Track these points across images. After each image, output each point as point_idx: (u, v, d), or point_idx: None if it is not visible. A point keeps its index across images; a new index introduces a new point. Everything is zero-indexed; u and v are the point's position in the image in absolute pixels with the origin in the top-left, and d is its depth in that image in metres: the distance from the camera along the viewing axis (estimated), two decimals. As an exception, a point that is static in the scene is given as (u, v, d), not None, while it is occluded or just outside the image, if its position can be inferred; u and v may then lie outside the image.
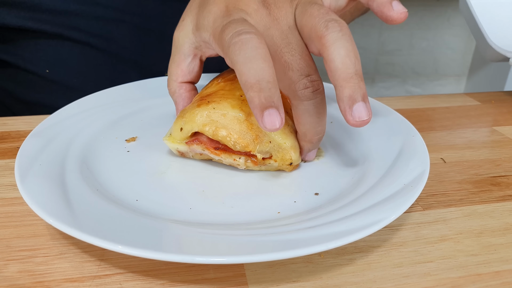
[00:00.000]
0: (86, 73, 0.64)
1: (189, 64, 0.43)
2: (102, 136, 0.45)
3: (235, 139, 0.39)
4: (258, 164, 0.40)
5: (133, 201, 0.35)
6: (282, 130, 0.39)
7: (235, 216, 0.35)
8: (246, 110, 0.39)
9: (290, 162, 0.40)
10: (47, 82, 0.64)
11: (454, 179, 0.44)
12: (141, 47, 0.65)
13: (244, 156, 0.40)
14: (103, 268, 0.31)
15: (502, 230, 0.37)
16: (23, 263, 0.32)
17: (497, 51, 0.66)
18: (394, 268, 0.32)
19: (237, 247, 0.29)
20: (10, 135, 0.49)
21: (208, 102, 0.40)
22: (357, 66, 0.32)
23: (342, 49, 0.32)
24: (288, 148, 0.39)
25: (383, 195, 0.34)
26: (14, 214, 0.37)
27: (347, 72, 0.32)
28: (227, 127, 0.39)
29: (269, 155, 0.40)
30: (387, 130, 0.45)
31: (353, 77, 0.32)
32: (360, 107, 0.32)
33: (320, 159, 0.43)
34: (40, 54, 0.62)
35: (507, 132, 0.54)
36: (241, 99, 0.40)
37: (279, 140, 0.39)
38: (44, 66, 0.63)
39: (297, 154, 0.40)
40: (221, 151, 0.40)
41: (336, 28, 0.32)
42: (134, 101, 0.51)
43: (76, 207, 0.32)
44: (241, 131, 0.39)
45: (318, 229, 0.30)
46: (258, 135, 0.39)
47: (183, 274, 0.31)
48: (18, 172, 0.34)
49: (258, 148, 0.39)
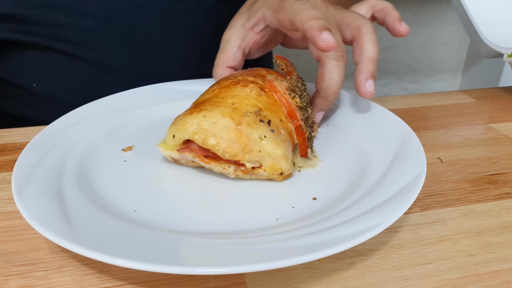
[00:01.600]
0: (74, 87, 0.64)
1: (235, 53, 0.51)
2: (98, 146, 0.45)
3: (223, 148, 0.38)
4: (247, 174, 0.40)
5: (132, 212, 0.36)
6: (273, 139, 0.39)
7: (234, 224, 0.35)
8: (236, 119, 0.39)
9: (280, 172, 0.39)
10: (34, 96, 0.64)
11: (451, 179, 0.44)
12: (130, 59, 0.65)
13: (233, 165, 0.39)
14: (103, 281, 0.31)
15: (500, 228, 0.37)
16: (23, 278, 0.32)
17: (490, 47, 0.66)
18: (394, 271, 0.32)
19: (237, 256, 0.29)
20: (6, 148, 0.49)
21: (199, 110, 0.40)
22: (378, 54, 0.45)
23: (372, 39, 0.45)
24: (279, 157, 0.39)
25: (381, 198, 0.34)
26: (13, 228, 0.37)
27: (372, 55, 0.45)
28: (216, 136, 0.38)
29: (258, 164, 0.39)
30: (383, 132, 0.45)
31: (375, 60, 0.45)
32: (372, 83, 0.45)
33: (315, 168, 0.42)
34: (27, 67, 0.62)
35: (503, 129, 0.54)
36: (233, 107, 0.40)
37: (269, 149, 0.39)
38: (31, 80, 0.63)
39: (288, 164, 0.40)
40: (211, 159, 0.40)
41: (370, 25, 0.46)
42: (130, 110, 0.51)
43: (74, 220, 0.32)
44: (230, 140, 0.38)
45: (318, 236, 0.30)
46: (247, 144, 0.38)
47: (184, 284, 0.31)
48: (15, 187, 0.34)
49: (247, 157, 0.38)
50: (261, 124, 0.39)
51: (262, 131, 0.39)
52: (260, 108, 0.40)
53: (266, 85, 0.43)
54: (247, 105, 0.40)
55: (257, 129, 0.39)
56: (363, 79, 0.45)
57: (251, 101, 0.40)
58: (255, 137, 0.38)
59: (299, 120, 0.43)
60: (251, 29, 0.50)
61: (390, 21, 0.48)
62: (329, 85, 0.45)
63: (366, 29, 0.45)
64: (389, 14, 0.49)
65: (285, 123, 0.41)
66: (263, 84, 0.43)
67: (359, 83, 0.45)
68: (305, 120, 0.44)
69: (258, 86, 0.42)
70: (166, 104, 0.53)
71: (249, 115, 0.39)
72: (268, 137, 0.39)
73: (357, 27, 0.46)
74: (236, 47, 0.51)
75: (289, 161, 0.40)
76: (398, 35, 0.48)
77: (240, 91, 0.41)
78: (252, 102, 0.40)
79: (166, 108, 0.52)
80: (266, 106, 0.41)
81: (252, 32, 0.50)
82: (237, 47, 0.51)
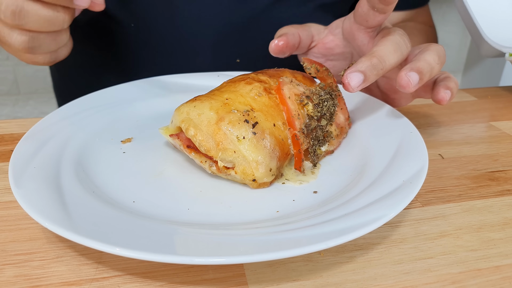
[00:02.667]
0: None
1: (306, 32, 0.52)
2: (97, 137, 0.44)
3: (199, 140, 0.38)
4: (220, 172, 0.38)
5: (130, 203, 0.35)
6: (253, 142, 0.37)
7: (234, 216, 0.34)
8: (220, 114, 0.38)
9: (252, 178, 0.37)
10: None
11: (453, 175, 0.44)
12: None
13: (209, 160, 0.38)
14: (101, 271, 0.31)
15: (501, 224, 0.37)
16: (19, 267, 0.31)
17: (492, 46, 0.66)
18: (395, 265, 0.32)
19: (236, 247, 0.29)
20: (3, 138, 0.49)
21: (195, 99, 0.40)
22: (437, 64, 0.42)
23: (438, 52, 0.43)
24: (254, 162, 0.37)
25: (382, 192, 0.34)
26: (9, 218, 0.36)
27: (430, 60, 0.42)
28: (196, 127, 0.38)
29: (232, 165, 0.37)
30: (385, 127, 0.45)
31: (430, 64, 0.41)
32: (416, 76, 0.40)
33: (315, 171, 0.41)
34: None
35: (504, 127, 0.54)
36: (224, 103, 0.39)
37: (245, 151, 0.37)
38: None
39: (263, 172, 0.37)
40: (192, 149, 0.39)
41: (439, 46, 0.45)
42: (129, 102, 0.51)
43: (72, 210, 0.31)
44: (207, 133, 0.37)
45: (318, 228, 0.30)
46: (221, 142, 0.37)
47: (182, 275, 0.31)
48: (12, 176, 0.34)
49: (221, 155, 0.37)
50: (243, 124, 0.37)
51: (243, 131, 0.37)
52: (252, 108, 0.39)
53: (274, 87, 0.41)
54: (240, 103, 0.39)
55: (238, 128, 0.37)
56: (409, 68, 0.40)
57: (246, 100, 0.39)
58: (233, 137, 0.37)
59: (296, 128, 0.40)
60: (330, 29, 0.51)
61: (443, 84, 0.44)
62: (380, 50, 0.40)
63: (436, 45, 0.44)
64: (448, 80, 0.45)
65: (281, 130, 0.39)
66: (273, 85, 0.41)
67: (403, 69, 0.40)
68: (310, 131, 0.41)
69: (264, 87, 0.40)
70: (166, 97, 0.53)
71: (235, 113, 0.38)
72: (247, 139, 0.37)
73: (427, 44, 0.44)
74: (311, 33, 0.51)
75: (265, 168, 0.37)
76: (437, 98, 0.44)
77: (240, 88, 0.40)
78: (247, 101, 0.39)
79: (166, 101, 0.52)
80: (262, 108, 0.39)
81: (328, 32, 0.51)
82: (311, 33, 0.52)
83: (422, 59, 0.41)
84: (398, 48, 0.41)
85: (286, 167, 0.40)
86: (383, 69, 0.40)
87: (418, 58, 0.42)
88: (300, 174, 0.40)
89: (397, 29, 0.44)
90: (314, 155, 0.41)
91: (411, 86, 0.40)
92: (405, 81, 0.40)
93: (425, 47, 0.44)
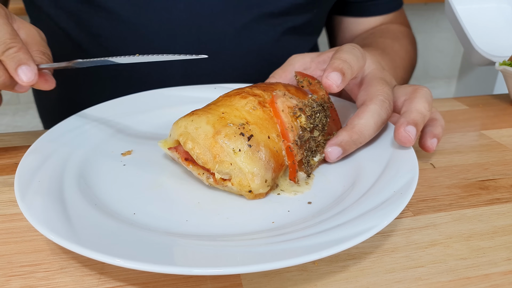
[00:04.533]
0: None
1: (292, 74, 0.52)
2: (98, 150, 0.46)
3: (197, 153, 0.39)
4: (218, 184, 0.39)
5: (131, 215, 0.36)
6: (249, 155, 0.38)
7: (231, 227, 0.36)
8: (217, 128, 0.39)
9: (248, 189, 0.38)
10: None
11: (444, 184, 0.45)
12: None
13: (207, 172, 0.40)
14: (103, 281, 0.32)
15: (490, 233, 0.38)
16: (25, 278, 0.32)
17: (482, 55, 0.68)
18: (387, 273, 0.33)
19: (233, 257, 0.30)
20: (7, 151, 0.50)
21: (192, 113, 0.41)
22: (428, 112, 0.44)
23: (426, 98, 0.45)
24: (250, 174, 0.38)
25: (374, 202, 0.35)
26: (14, 230, 0.37)
27: (421, 109, 0.44)
28: (194, 140, 0.39)
29: (228, 177, 0.39)
30: (377, 137, 0.46)
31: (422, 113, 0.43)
32: (414, 129, 0.42)
33: (309, 182, 0.42)
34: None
35: (495, 136, 0.56)
36: (220, 116, 0.40)
37: (241, 163, 0.38)
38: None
39: (259, 183, 0.38)
40: (189, 162, 0.40)
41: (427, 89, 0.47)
42: (129, 115, 0.52)
43: (75, 222, 0.33)
44: (204, 146, 0.39)
45: (312, 238, 0.31)
46: (218, 154, 0.38)
47: (181, 285, 0.32)
48: (18, 189, 0.35)
49: (218, 167, 0.38)
50: (239, 137, 0.38)
51: (239, 144, 0.38)
52: (247, 122, 0.40)
53: (268, 100, 0.42)
54: (236, 116, 0.40)
55: (234, 141, 0.38)
56: (405, 122, 0.42)
57: (242, 113, 0.40)
58: (229, 149, 0.38)
59: (289, 140, 0.41)
60: (317, 64, 0.51)
61: (430, 131, 0.46)
62: (361, 124, 0.42)
63: (423, 90, 0.45)
64: (435, 126, 0.47)
65: (275, 142, 0.40)
66: (267, 98, 0.42)
67: (399, 124, 0.42)
68: (303, 142, 0.42)
69: (258, 100, 0.42)
70: (165, 110, 0.54)
71: (231, 127, 0.39)
72: (243, 151, 0.38)
73: (414, 89, 0.46)
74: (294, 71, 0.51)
75: (261, 180, 0.38)
76: (424, 147, 0.46)
77: (236, 102, 0.41)
78: (242, 115, 0.40)
79: (165, 114, 0.53)
80: (257, 121, 0.40)
81: (315, 66, 0.51)
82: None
83: (414, 109, 0.43)
84: (379, 119, 0.43)
85: (281, 178, 0.41)
86: (362, 142, 0.43)
87: (410, 109, 0.43)
88: (295, 184, 0.41)
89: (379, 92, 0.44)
90: (308, 165, 0.42)
91: (411, 140, 0.42)
92: (405, 137, 0.42)
93: (412, 94, 0.45)
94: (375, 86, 0.45)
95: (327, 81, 0.41)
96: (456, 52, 1.82)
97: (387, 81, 0.47)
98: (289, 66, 0.51)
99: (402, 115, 0.43)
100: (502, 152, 0.52)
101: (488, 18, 0.75)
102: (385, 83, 0.45)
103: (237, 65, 0.68)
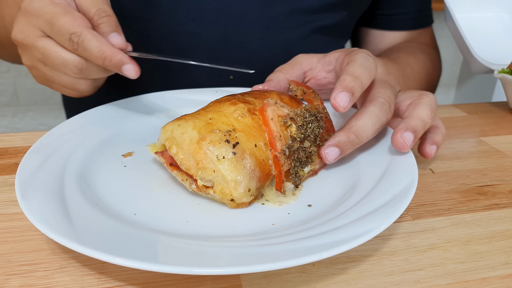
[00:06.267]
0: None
1: (299, 72, 0.52)
2: (99, 151, 0.46)
3: (181, 159, 0.39)
4: (200, 191, 0.39)
5: (131, 215, 0.36)
6: (233, 163, 0.37)
7: (231, 228, 0.36)
8: (202, 134, 0.38)
9: (230, 198, 0.38)
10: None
11: (443, 189, 0.45)
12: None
13: (190, 178, 0.39)
14: (103, 281, 0.32)
15: (488, 238, 0.38)
16: (24, 277, 0.32)
17: (482, 63, 0.68)
18: (385, 276, 0.34)
19: (233, 258, 0.30)
20: (7, 151, 0.50)
21: (181, 118, 0.41)
22: (430, 119, 0.44)
23: (430, 105, 0.45)
24: (233, 182, 0.37)
25: (373, 205, 0.36)
26: (14, 229, 0.37)
27: (424, 116, 0.44)
28: (179, 146, 0.39)
29: (211, 184, 0.38)
30: (376, 143, 0.46)
31: (424, 121, 0.43)
32: (411, 136, 0.42)
33: (297, 193, 0.41)
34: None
35: (493, 143, 0.56)
36: (207, 122, 0.39)
37: (224, 171, 0.37)
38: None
39: (242, 192, 0.37)
40: (174, 167, 0.40)
41: (432, 96, 0.46)
42: (130, 117, 0.53)
43: (76, 221, 0.33)
44: (188, 152, 0.38)
45: (312, 240, 0.32)
46: (201, 161, 0.38)
47: (181, 285, 0.32)
48: (19, 189, 0.35)
49: (200, 174, 0.38)
50: (224, 144, 0.38)
51: (223, 151, 0.38)
52: (235, 129, 0.39)
53: (258, 108, 0.42)
54: (223, 123, 0.39)
55: (218, 148, 0.38)
56: (403, 127, 0.42)
57: (229, 120, 0.40)
58: (213, 156, 0.38)
59: (277, 149, 0.40)
60: (323, 65, 0.51)
61: (430, 138, 0.46)
62: (358, 125, 0.42)
63: (428, 96, 0.45)
64: (435, 133, 0.47)
65: (262, 150, 0.39)
66: (257, 106, 0.42)
67: (397, 129, 0.42)
68: (292, 153, 0.41)
69: (248, 108, 0.41)
70: (166, 112, 0.54)
71: (217, 133, 0.38)
72: (227, 159, 0.37)
73: (419, 94, 0.46)
74: (302, 70, 0.51)
75: (244, 189, 0.37)
76: (422, 153, 0.46)
77: (225, 108, 0.41)
78: (230, 121, 0.40)
79: (166, 116, 0.53)
80: (245, 128, 0.40)
81: (321, 67, 0.51)
82: (303, 70, 0.52)
83: (416, 116, 0.43)
84: (377, 121, 0.42)
85: (267, 187, 0.40)
86: (359, 143, 0.42)
87: (412, 115, 0.43)
88: (281, 195, 0.40)
89: (380, 94, 0.44)
90: (296, 176, 0.41)
91: (407, 147, 0.42)
92: (401, 143, 0.42)
93: (417, 99, 0.45)
94: (377, 88, 0.45)
95: (334, 103, 0.40)
96: (455, 60, 1.83)
97: (391, 84, 0.47)
98: (296, 64, 0.51)
99: (403, 120, 0.43)
100: (500, 158, 0.52)
101: (487, 26, 0.76)
102: (388, 86, 0.46)
103: (263, 56, 0.67)
